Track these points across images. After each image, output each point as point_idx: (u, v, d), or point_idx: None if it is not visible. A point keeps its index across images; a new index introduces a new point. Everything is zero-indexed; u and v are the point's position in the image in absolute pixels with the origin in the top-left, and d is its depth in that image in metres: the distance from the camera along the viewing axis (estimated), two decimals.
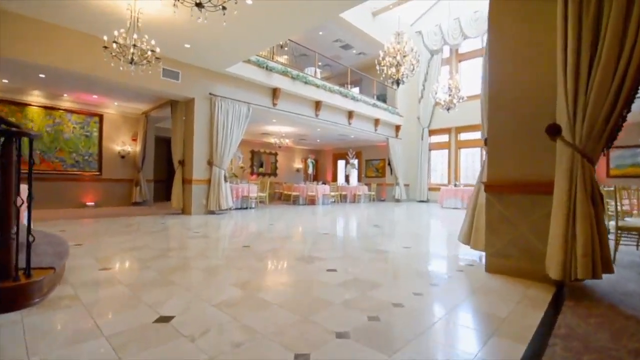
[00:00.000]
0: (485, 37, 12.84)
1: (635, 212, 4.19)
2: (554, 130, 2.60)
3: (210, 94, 7.83)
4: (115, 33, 4.65)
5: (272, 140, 13.76)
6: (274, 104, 9.24)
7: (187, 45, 6.65)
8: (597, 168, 2.35)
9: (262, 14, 5.33)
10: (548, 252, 2.55)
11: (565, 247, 2.40)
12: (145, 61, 4.97)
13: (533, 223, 2.76)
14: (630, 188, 4.21)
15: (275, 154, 16.20)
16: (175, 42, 6.49)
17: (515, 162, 2.88)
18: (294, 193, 11.86)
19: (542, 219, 2.70)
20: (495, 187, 2.93)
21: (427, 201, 14.31)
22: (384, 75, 8.00)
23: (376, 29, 12.81)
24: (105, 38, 4.70)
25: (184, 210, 7.92)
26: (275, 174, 16.21)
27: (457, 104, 10.42)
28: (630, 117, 2.50)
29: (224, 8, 3.60)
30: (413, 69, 7.77)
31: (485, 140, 3.33)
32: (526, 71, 2.88)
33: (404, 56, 7.65)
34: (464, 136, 13.82)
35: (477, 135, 13.35)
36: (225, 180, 7.94)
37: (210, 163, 7.86)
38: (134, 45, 4.59)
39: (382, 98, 14.00)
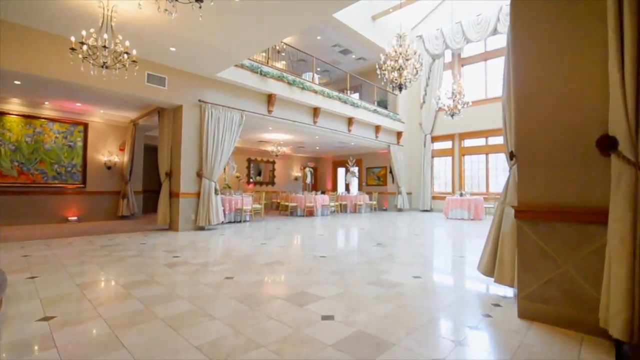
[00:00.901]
0: (488, 40, 12.38)
1: None
2: (607, 144, 2.05)
3: (199, 100, 7.31)
4: (84, 33, 4.12)
5: (269, 148, 13.23)
6: (269, 111, 8.72)
7: (173, 49, 6.14)
8: None
9: (250, 14, 4.83)
10: (604, 300, 1.99)
11: (631, 299, 1.83)
12: (119, 65, 4.44)
13: (581, 260, 2.19)
14: None
15: (273, 163, 15.66)
16: (159, 45, 5.98)
17: (554, 183, 2.32)
18: (291, 204, 11.28)
19: (593, 255, 2.14)
20: (528, 212, 2.37)
21: (430, 210, 13.73)
22: (385, 80, 7.50)
23: (376, 33, 12.36)
24: (72, 39, 4.18)
25: (171, 226, 7.34)
26: (273, 183, 15.66)
27: (461, 110, 9.90)
28: None
29: (198, 0, 3.06)
30: (416, 73, 7.25)
31: (511, 153, 2.78)
32: (564, 73, 2.33)
33: (407, 59, 7.15)
34: (468, 143, 13.29)
35: (481, 141, 12.85)
36: (216, 193, 7.38)
37: (199, 175, 7.31)
38: (105, 47, 4.05)
39: (383, 104, 13.51)
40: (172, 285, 3.19)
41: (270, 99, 8.64)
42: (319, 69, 13.68)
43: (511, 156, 2.78)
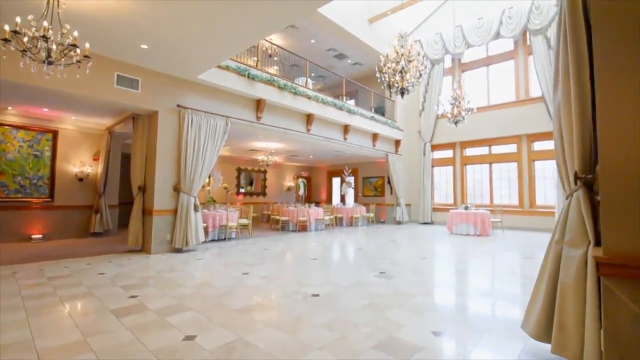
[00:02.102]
0: (490, 45, 11.78)
1: None
2: None
3: (178, 105, 6.50)
4: (18, 20, 3.31)
5: (259, 157, 12.42)
6: (258, 118, 7.94)
7: (144, 46, 5.35)
8: None
9: (229, 8, 4.07)
10: None
11: None
12: (67, 60, 3.63)
13: None
14: None
15: (264, 172, 14.83)
16: (129, 41, 5.18)
17: None
18: (282, 218, 10.44)
19: None
20: (624, 268, 1.58)
21: (431, 223, 12.98)
22: (385, 84, 6.78)
23: (373, 37, 11.74)
24: (7, 28, 3.36)
25: (144, 248, 6.46)
26: (264, 194, 14.81)
27: (465, 117, 9.21)
28: None
29: None
30: (420, 76, 6.55)
31: (576, 175, 2.01)
32: None
33: (410, 61, 6.44)
34: (470, 151, 12.62)
35: (484, 150, 12.19)
36: (196, 210, 6.53)
37: (177, 189, 6.46)
38: (45, 37, 3.24)
39: (380, 111, 12.83)
40: (108, 352, 2.34)
41: (259, 104, 7.86)
42: (313, 74, 12.97)
43: (576, 179, 2.01)
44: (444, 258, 6.22)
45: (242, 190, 13.87)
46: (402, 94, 6.70)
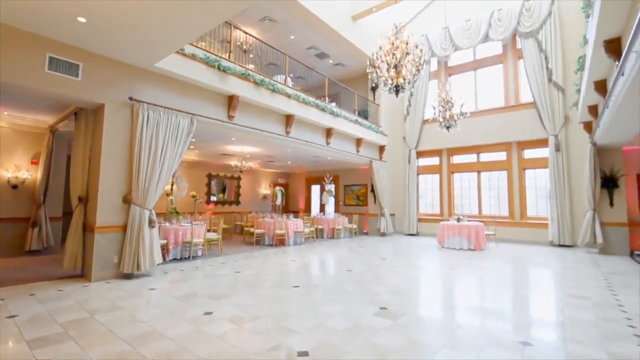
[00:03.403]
0: (478, 48, 11.31)
1: None
2: None
3: (131, 99, 5.34)
4: None
5: (232, 162, 11.27)
6: (231, 117, 6.88)
7: (82, 19, 4.20)
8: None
9: None
10: None
11: None
12: None
13: None
14: None
15: (238, 179, 13.65)
16: (61, 12, 4.03)
17: None
18: (257, 230, 9.33)
19: None
20: None
21: (416, 234, 12.28)
22: (376, 81, 5.97)
23: (356, 36, 11.00)
24: None
25: (84, 273, 5.21)
26: (238, 202, 13.60)
27: (457, 121, 8.59)
28: None
29: None
30: (418, 71, 5.77)
31: None
32: None
33: (407, 53, 5.66)
34: (457, 159, 12.08)
35: (472, 158, 11.68)
36: (152, 226, 5.36)
37: (127, 200, 5.27)
38: None
39: (363, 115, 12.06)
40: None
41: (231, 101, 6.81)
42: (292, 75, 12.03)
43: None
44: (452, 283, 5.34)
45: (213, 199, 12.62)
46: (397, 92, 5.89)
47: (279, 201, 12.97)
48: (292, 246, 9.19)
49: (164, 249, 6.60)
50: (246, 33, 7.63)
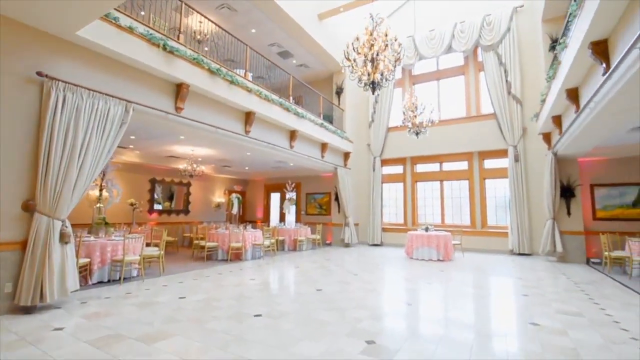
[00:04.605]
0: (441, 59, 11.33)
1: None
2: None
3: (39, 74, 4.07)
4: None
5: (181, 166, 9.94)
6: (178, 109, 5.79)
7: None
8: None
9: None
10: None
11: None
12: None
13: None
14: None
15: (188, 185, 12.20)
16: None
17: None
18: (209, 244, 8.12)
19: None
20: None
21: (380, 244, 11.82)
22: (352, 77, 5.35)
23: (322, 35, 10.45)
24: None
25: None
26: (187, 211, 12.13)
27: (427, 128, 8.29)
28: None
29: None
30: (396, 66, 5.24)
31: None
32: None
33: (386, 45, 5.10)
34: (421, 168, 11.91)
35: (435, 167, 11.58)
36: (65, 241, 4.08)
37: (29, 208, 3.95)
38: None
39: (329, 119, 11.44)
40: None
41: (180, 90, 5.73)
42: (251, 74, 11.07)
43: None
44: (439, 302, 4.72)
45: (157, 207, 11.06)
46: (374, 88, 5.32)
47: (235, 209, 11.78)
48: (250, 261, 8.12)
49: (86, 270, 5.23)
50: (201, 14, 6.58)
